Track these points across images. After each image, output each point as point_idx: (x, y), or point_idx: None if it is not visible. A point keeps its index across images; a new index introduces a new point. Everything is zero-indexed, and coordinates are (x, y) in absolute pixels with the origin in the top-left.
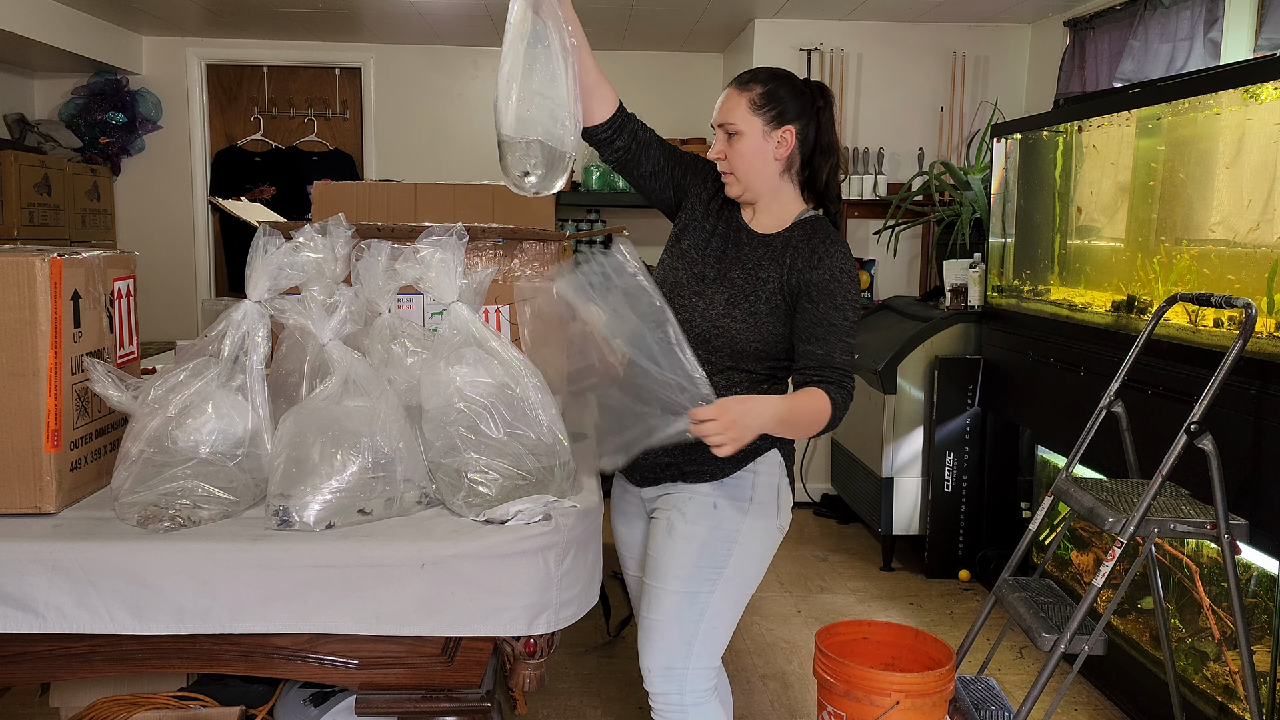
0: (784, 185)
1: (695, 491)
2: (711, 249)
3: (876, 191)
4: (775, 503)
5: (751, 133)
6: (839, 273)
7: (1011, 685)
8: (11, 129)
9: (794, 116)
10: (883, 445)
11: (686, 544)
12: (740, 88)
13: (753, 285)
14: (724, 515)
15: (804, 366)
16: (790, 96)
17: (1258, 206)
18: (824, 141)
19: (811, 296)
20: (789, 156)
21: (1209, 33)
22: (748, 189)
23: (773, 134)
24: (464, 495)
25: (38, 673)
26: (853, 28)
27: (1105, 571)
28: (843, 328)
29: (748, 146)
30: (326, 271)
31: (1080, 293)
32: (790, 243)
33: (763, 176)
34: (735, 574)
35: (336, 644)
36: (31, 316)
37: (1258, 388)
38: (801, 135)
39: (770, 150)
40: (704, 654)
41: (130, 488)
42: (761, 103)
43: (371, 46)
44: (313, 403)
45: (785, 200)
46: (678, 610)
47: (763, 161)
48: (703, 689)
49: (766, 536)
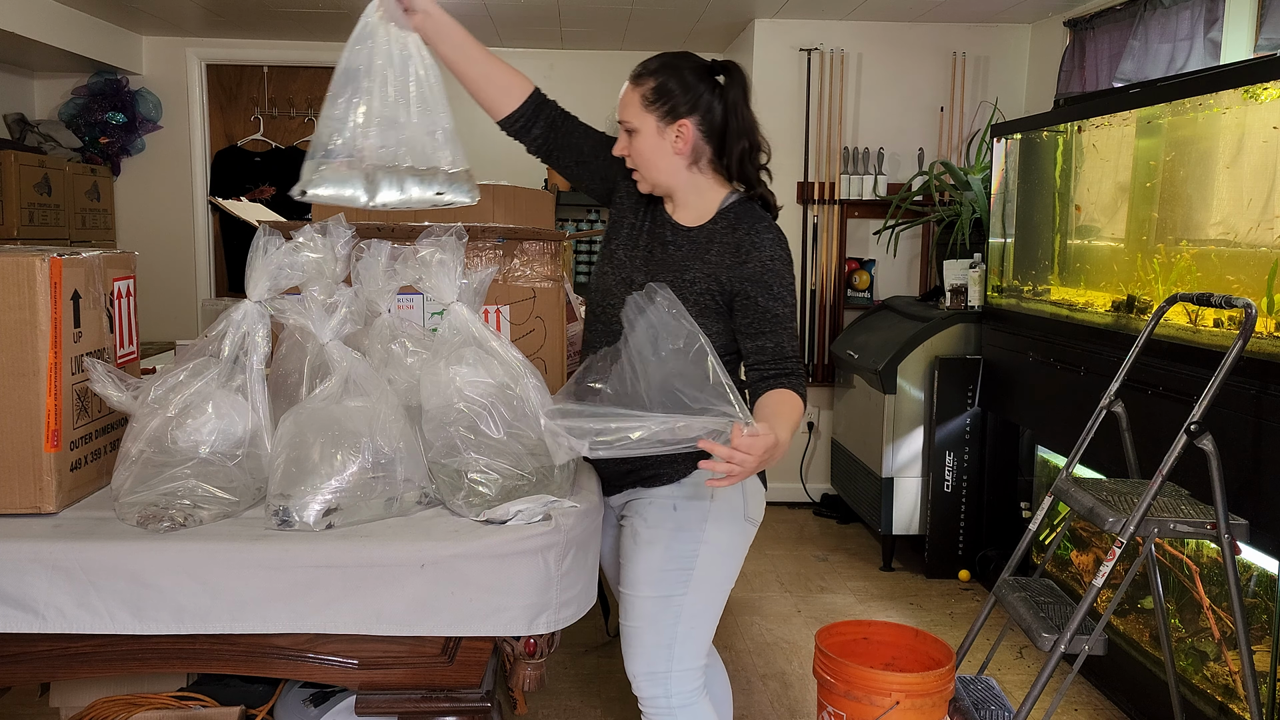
0: (697, 177)
1: (655, 496)
2: (639, 249)
3: (876, 191)
4: (740, 496)
5: (646, 130)
6: (769, 261)
7: (1011, 685)
8: (11, 129)
9: (689, 109)
10: (883, 445)
11: (651, 549)
12: (633, 83)
13: (680, 288)
14: (685, 516)
15: (758, 363)
16: (682, 88)
17: (1258, 206)
18: (733, 124)
19: (747, 293)
20: (693, 149)
21: (1209, 33)
22: (654, 185)
23: (668, 130)
24: (464, 495)
25: (38, 673)
26: (853, 28)
27: (1105, 571)
28: (785, 316)
29: (645, 144)
30: (326, 271)
31: (1080, 293)
32: (715, 236)
33: (666, 172)
34: (706, 573)
35: (336, 644)
36: (31, 316)
37: (1258, 388)
38: (704, 125)
39: (668, 146)
40: (685, 655)
41: (130, 488)
42: (653, 98)
43: None
44: (313, 403)
45: (705, 190)
46: (653, 616)
47: (662, 158)
48: (689, 689)
49: (734, 531)
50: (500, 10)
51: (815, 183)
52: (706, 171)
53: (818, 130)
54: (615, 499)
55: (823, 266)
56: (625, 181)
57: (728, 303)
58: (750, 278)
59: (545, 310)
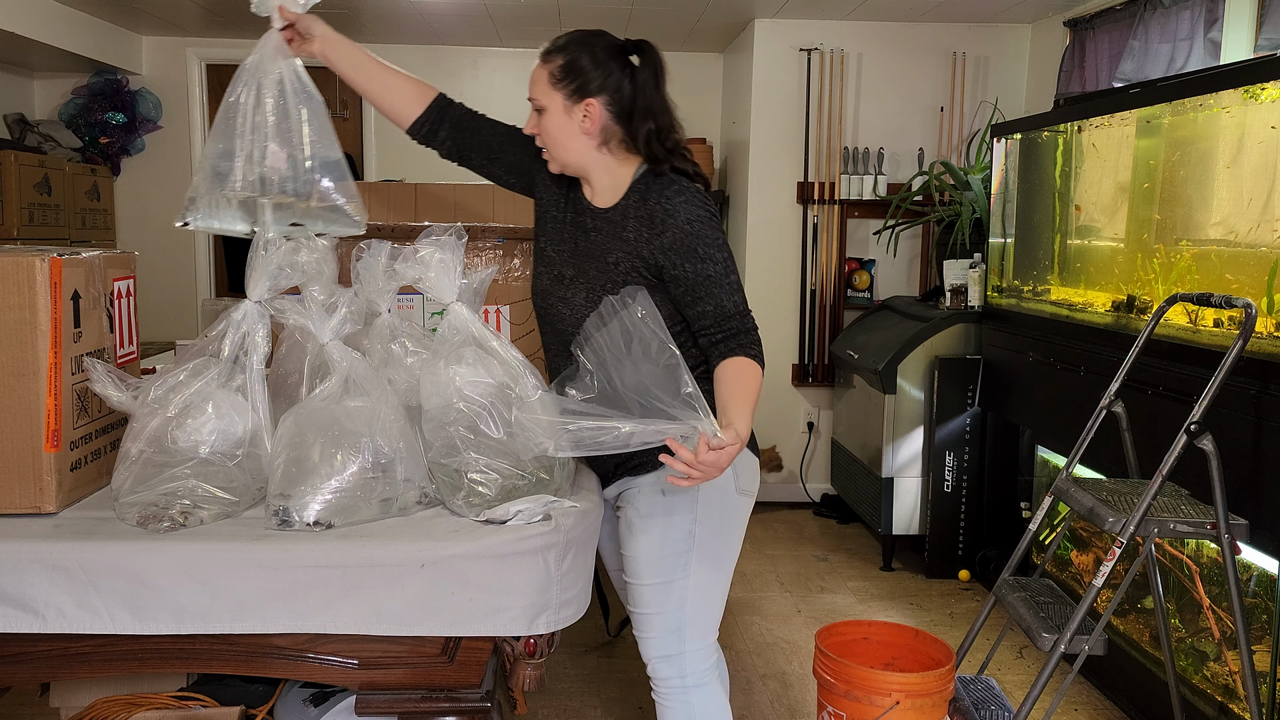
0: (607, 157)
1: (642, 484)
2: (565, 243)
3: (876, 191)
4: (730, 470)
5: (554, 108)
6: (686, 225)
7: (1011, 685)
8: (11, 129)
9: (598, 88)
10: (883, 445)
11: (646, 538)
12: (542, 60)
13: (606, 273)
14: (674, 500)
15: (703, 329)
16: (593, 65)
17: (1258, 206)
18: (641, 103)
19: (672, 263)
20: (602, 129)
21: (1209, 33)
22: (563, 165)
23: (575, 109)
24: (464, 495)
25: (38, 673)
26: (853, 28)
27: (1105, 571)
28: (718, 275)
29: (552, 123)
30: (326, 271)
31: (1080, 293)
32: (629, 212)
33: (574, 152)
34: (704, 552)
35: (336, 644)
36: (31, 316)
37: (1258, 388)
38: (613, 106)
39: (575, 126)
40: (696, 635)
41: (130, 488)
42: (561, 75)
43: (371, 46)
44: (313, 403)
45: (616, 169)
46: (658, 602)
47: (569, 137)
48: (703, 669)
49: (726, 505)
50: (500, 10)
51: (815, 183)
52: (618, 152)
53: (818, 130)
54: (609, 491)
55: (823, 266)
56: (542, 172)
57: (658, 275)
58: (671, 247)
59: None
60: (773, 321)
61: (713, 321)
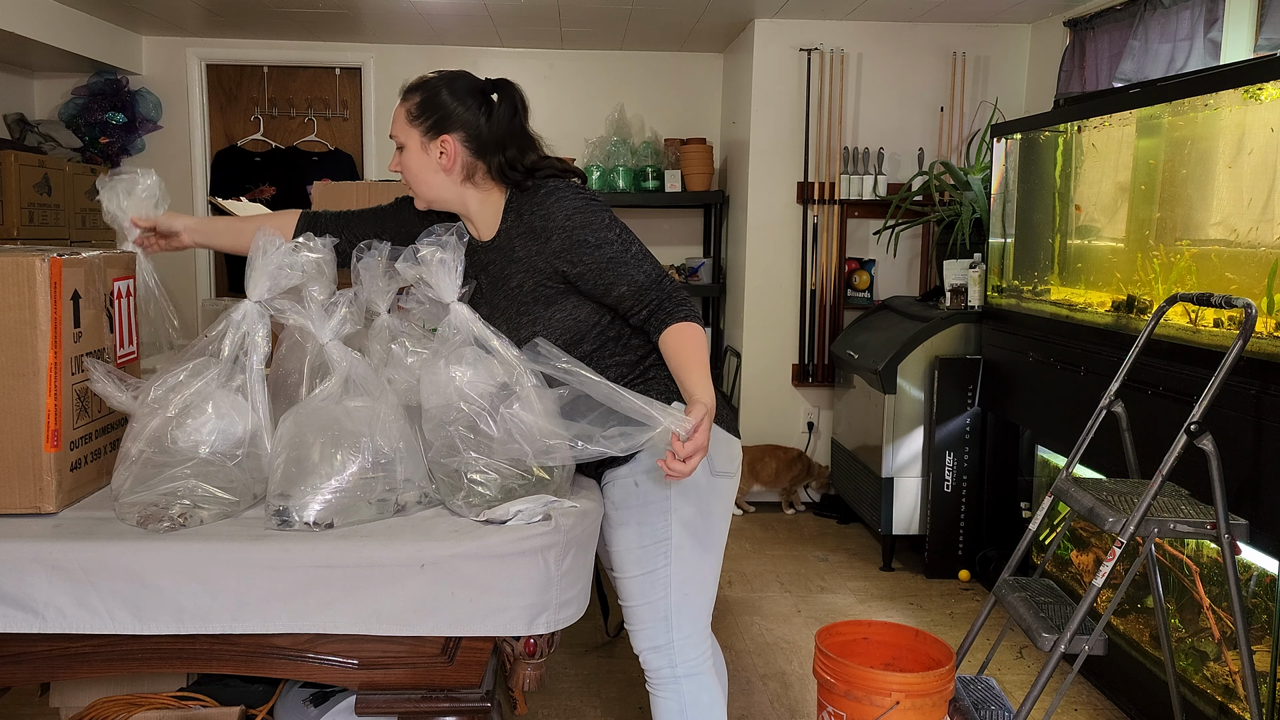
0: (475, 191)
1: (615, 476)
2: (466, 285)
3: (876, 191)
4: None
5: (412, 145)
6: (566, 220)
7: (1011, 685)
8: (11, 129)
9: (456, 124)
10: (883, 445)
11: (624, 530)
12: (403, 98)
13: (515, 298)
14: (647, 490)
15: (628, 310)
16: (451, 101)
17: (1258, 206)
18: (497, 137)
19: (570, 261)
20: (464, 165)
21: (1209, 33)
22: (429, 201)
23: (432, 145)
24: (464, 495)
25: (38, 673)
26: (853, 28)
27: (1105, 571)
28: (619, 255)
29: (412, 160)
30: (326, 271)
31: (1080, 293)
32: (511, 234)
33: (434, 188)
34: (683, 541)
35: (336, 644)
36: (31, 316)
37: (1258, 388)
38: (470, 143)
39: (433, 162)
40: (684, 623)
41: (130, 488)
42: (417, 112)
43: (371, 46)
44: (313, 403)
45: (488, 200)
46: (643, 592)
47: (429, 173)
48: (693, 657)
49: (703, 492)
50: (500, 10)
51: (815, 183)
52: (484, 184)
53: (818, 130)
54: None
55: (823, 266)
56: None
57: (564, 281)
58: (562, 249)
59: None
60: (773, 321)
61: (633, 300)
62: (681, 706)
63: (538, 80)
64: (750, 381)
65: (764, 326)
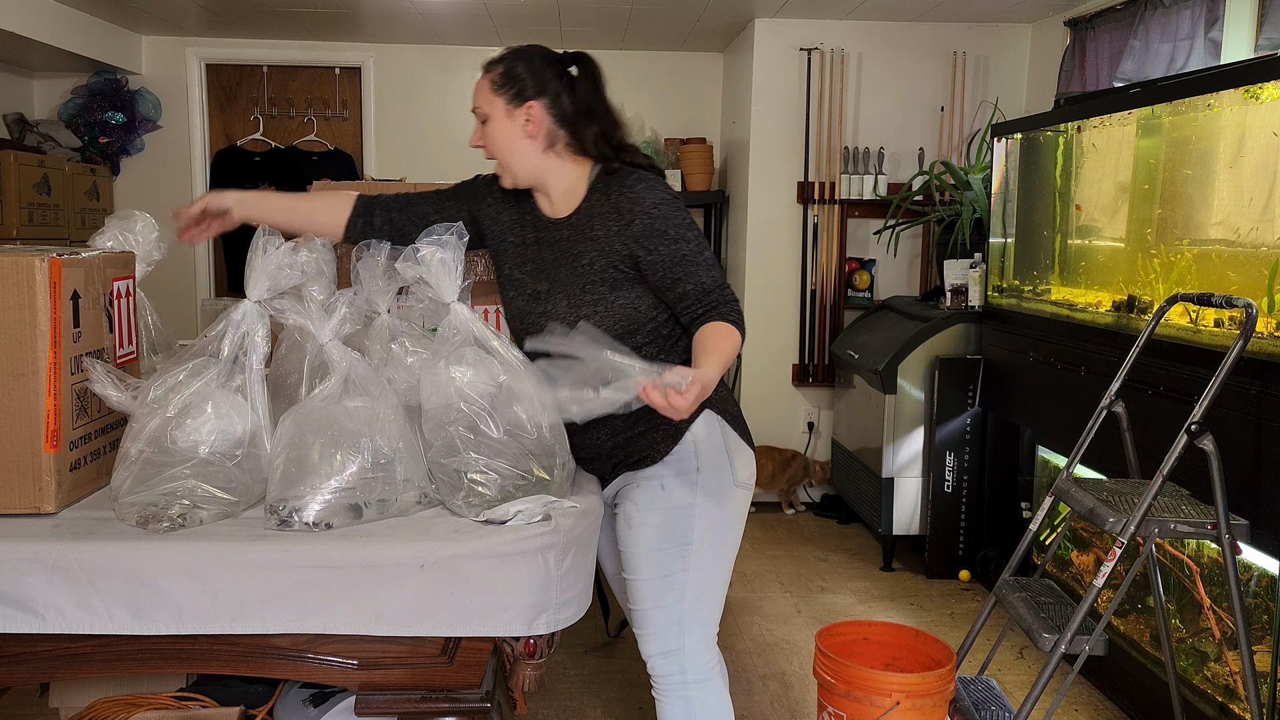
0: (556, 162)
1: (642, 477)
2: (530, 261)
3: (876, 191)
4: (726, 461)
5: (496, 115)
6: (653, 209)
7: (1012, 685)
8: (11, 129)
9: (536, 91)
10: (883, 445)
11: (645, 531)
12: (484, 71)
13: (581, 276)
14: (674, 493)
15: (685, 309)
16: (530, 71)
17: (1258, 206)
18: (583, 108)
19: (646, 248)
20: (547, 133)
21: (1209, 32)
22: (515, 174)
23: (516, 113)
24: (464, 495)
25: (37, 673)
26: (853, 28)
27: (1106, 572)
28: (692, 254)
29: (496, 130)
30: (326, 271)
31: (1081, 293)
32: (593, 212)
33: (520, 157)
34: (703, 545)
35: (336, 644)
36: (31, 316)
37: (1258, 388)
38: (553, 109)
39: (518, 130)
40: (696, 629)
41: (130, 488)
42: (501, 82)
43: (371, 46)
44: (312, 403)
45: (569, 174)
46: (657, 596)
47: (514, 142)
48: (703, 663)
49: (725, 499)
50: (500, 10)
51: (815, 183)
52: (566, 155)
53: (818, 130)
54: (606, 491)
55: (823, 266)
56: (489, 207)
57: (634, 267)
58: (643, 234)
59: None
60: (773, 321)
61: (695, 299)
62: (689, 711)
63: None
64: (750, 381)
65: (764, 326)
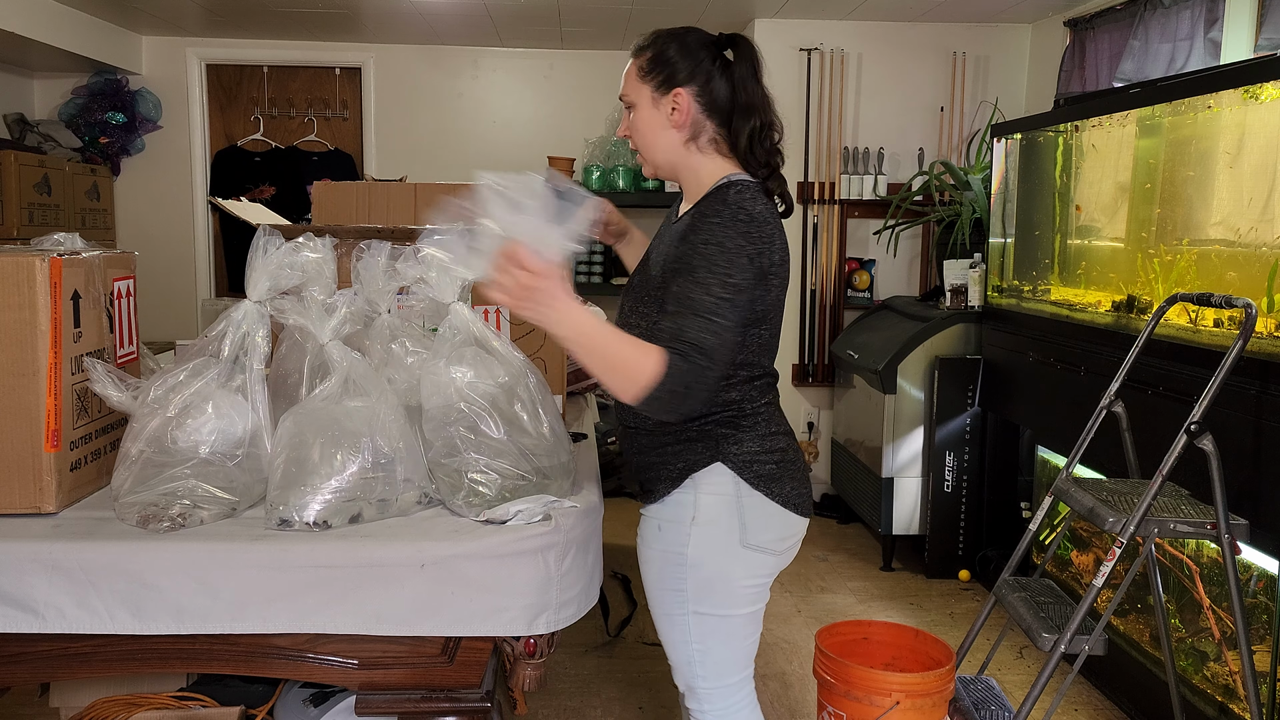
0: (697, 156)
1: (647, 513)
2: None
3: (876, 191)
4: (735, 520)
5: (642, 102)
6: (703, 245)
7: (1012, 685)
8: (11, 129)
9: (686, 78)
10: (883, 445)
11: (647, 567)
12: (634, 56)
13: (648, 281)
14: (669, 537)
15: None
16: (681, 56)
17: (1258, 206)
18: (740, 100)
19: (677, 272)
20: (693, 122)
21: (1209, 33)
22: (655, 165)
23: (663, 100)
24: (464, 495)
25: (37, 673)
26: (853, 28)
27: (1105, 571)
28: (702, 304)
29: (641, 118)
30: (326, 271)
31: (1080, 293)
32: (689, 222)
33: (661, 149)
34: (699, 598)
35: (336, 644)
36: (31, 316)
37: (1258, 388)
38: (702, 97)
39: (663, 118)
40: (708, 674)
41: (130, 488)
42: (649, 68)
43: (371, 46)
44: (312, 403)
45: (703, 173)
46: (668, 633)
47: (659, 130)
48: (722, 707)
49: (726, 553)
50: (500, 10)
51: (815, 183)
52: (708, 150)
53: (818, 130)
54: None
55: (823, 266)
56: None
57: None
58: (681, 257)
59: None
60: None
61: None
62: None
63: (538, 80)
64: None
65: None
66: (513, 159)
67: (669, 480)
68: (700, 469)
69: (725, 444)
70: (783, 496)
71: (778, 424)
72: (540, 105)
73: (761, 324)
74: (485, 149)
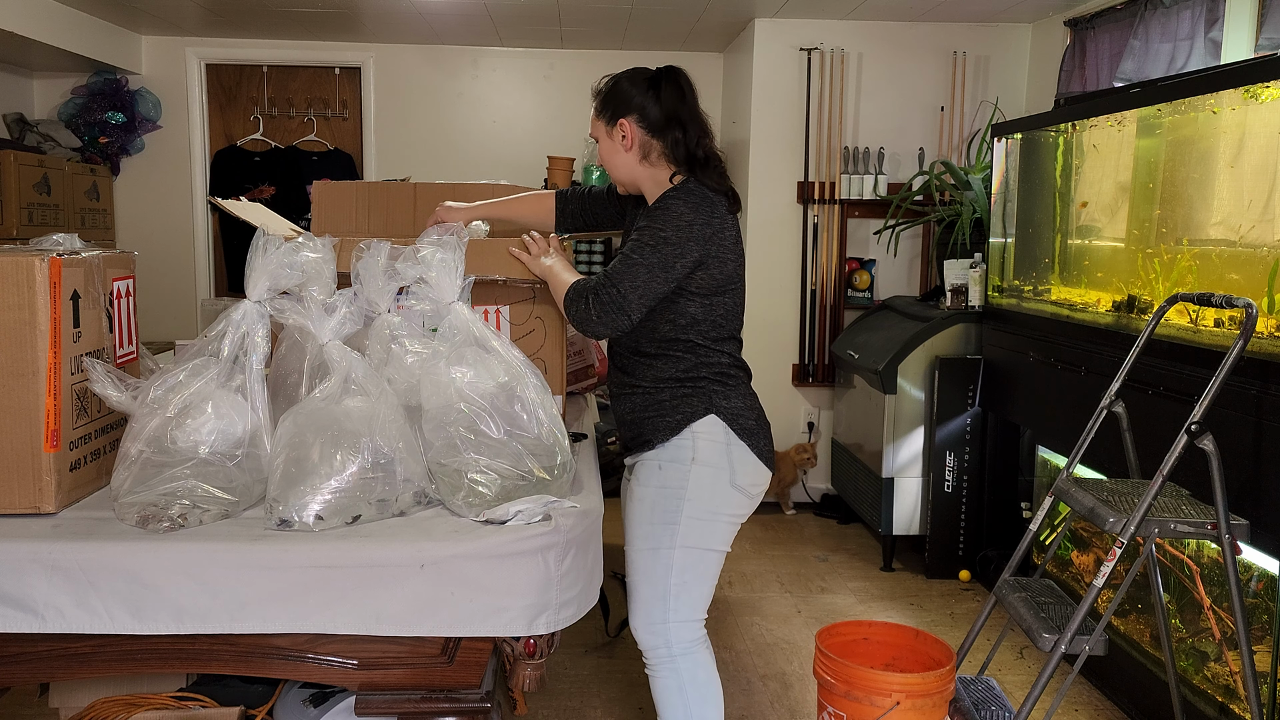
0: (651, 170)
1: (646, 457)
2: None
3: (876, 191)
4: (726, 462)
5: (600, 135)
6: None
7: (1012, 685)
8: (11, 129)
9: (628, 108)
10: (883, 445)
11: (640, 504)
12: (593, 100)
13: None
14: (669, 473)
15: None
16: (621, 93)
17: (1258, 206)
18: (667, 115)
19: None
20: (640, 144)
21: (1209, 32)
22: (621, 182)
23: (614, 131)
24: (464, 495)
25: (37, 673)
26: (853, 27)
27: (1106, 572)
28: (632, 259)
29: (603, 148)
30: (326, 271)
31: (1081, 293)
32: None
33: (623, 170)
34: (689, 529)
35: (336, 644)
36: (31, 316)
37: (1258, 388)
38: (642, 122)
39: (617, 145)
40: (680, 608)
41: (130, 488)
42: (600, 107)
43: (371, 46)
44: (312, 403)
45: (660, 179)
46: (646, 568)
47: (615, 155)
48: (687, 639)
49: (717, 490)
50: (500, 10)
51: (815, 183)
52: (659, 163)
53: (818, 130)
54: (629, 461)
55: (823, 266)
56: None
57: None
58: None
59: (545, 310)
60: (773, 321)
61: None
62: (680, 684)
63: (538, 80)
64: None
65: (764, 326)
66: (513, 159)
67: (668, 430)
68: (697, 419)
69: (716, 399)
70: (758, 449)
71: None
72: (540, 105)
73: (723, 293)
74: (485, 149)
